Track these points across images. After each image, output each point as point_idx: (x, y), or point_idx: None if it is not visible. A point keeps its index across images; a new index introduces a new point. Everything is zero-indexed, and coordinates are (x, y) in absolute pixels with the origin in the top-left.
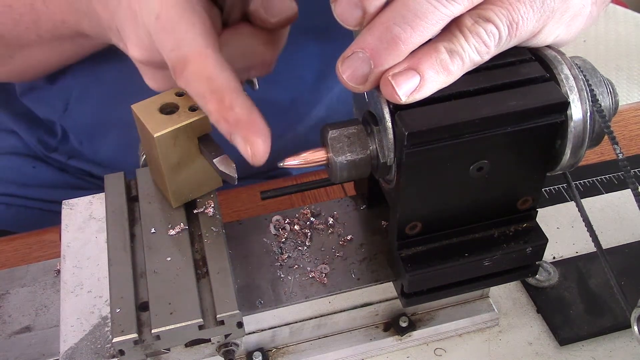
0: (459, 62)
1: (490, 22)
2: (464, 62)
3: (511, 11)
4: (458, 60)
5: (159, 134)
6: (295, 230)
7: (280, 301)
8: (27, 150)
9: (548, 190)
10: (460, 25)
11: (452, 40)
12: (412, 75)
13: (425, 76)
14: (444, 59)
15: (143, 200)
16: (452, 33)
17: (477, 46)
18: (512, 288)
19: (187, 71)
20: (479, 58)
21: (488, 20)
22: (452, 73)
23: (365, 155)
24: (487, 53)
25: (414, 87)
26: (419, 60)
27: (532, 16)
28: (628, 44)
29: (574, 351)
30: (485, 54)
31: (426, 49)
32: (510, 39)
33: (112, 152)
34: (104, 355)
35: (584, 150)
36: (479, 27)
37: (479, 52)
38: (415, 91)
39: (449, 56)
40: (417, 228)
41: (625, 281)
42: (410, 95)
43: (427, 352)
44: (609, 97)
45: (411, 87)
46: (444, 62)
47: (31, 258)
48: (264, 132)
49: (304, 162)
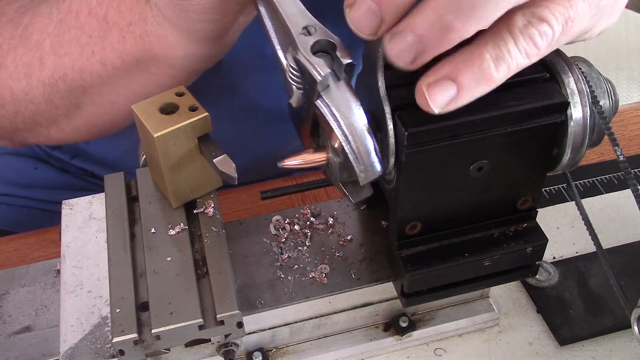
0: (504, 69)
1: (545, 22)
2: (510, 68)
3: (568, 8)
4: (504, 67)
5: (159, 134)
6: (295, 230)
7: (280, 301)
8: (28, 150)
9: (548, 190)
10: (510, 26)
11: (499, 44)
12: (449, 87)
13: (464, 86)
14: (487, 67)
15: (143, 200)
16: (499, 35)
17: (527, 49)
18: (512, 288)
19: None
20: (527, 61)
21: (543, 20)
22: (495, 81)
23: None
24: (537, 55)
25: (450, 98)
26: (459, 69)
27: (587, 12)
28: (628, 44)
29: (574, 351)
30: (534, 56)
31: (468, 54)
32: (562, 38)
33: (119, 153)
34: (104, 355)
35: (584, 150)
36: (532, 29)
37: (529, 55)
38: (452, 102)
39: (494, 64)
40: (417, 228)
41: (626, 281)
42: (445, 107)
43: (427, 352)
44: (609, 97)
45: (447, 98)
46: (486, 70)
47: (31, 258)
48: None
49: (304, 162)
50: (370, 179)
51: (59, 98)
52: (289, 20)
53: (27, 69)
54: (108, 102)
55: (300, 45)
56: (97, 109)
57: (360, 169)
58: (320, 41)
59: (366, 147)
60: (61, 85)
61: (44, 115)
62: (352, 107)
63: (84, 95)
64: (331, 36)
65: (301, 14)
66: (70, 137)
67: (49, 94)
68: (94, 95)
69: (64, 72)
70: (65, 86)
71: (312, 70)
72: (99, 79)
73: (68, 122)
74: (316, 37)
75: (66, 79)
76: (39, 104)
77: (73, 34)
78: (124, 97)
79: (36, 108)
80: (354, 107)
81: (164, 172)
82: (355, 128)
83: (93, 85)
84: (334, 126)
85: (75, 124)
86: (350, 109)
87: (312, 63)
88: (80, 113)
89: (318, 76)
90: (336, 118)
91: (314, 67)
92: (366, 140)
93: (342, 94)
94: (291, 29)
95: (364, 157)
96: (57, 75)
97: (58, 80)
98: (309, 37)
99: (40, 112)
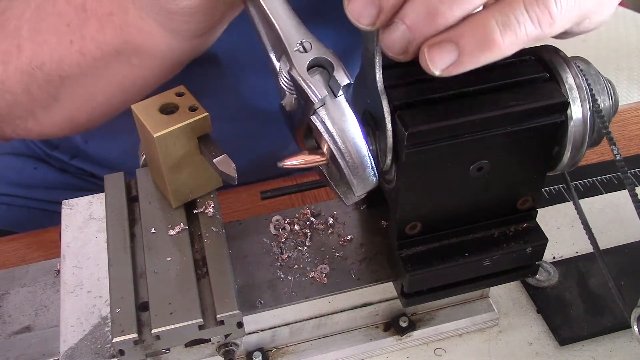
0: (511, 37)
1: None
2: (518, 37)
3: None
4: (510, 34)
5: (159, 134)
6: (295, 230)
7: (280, 301)
8: (28, 150)
9: (548, 190)
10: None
11: (506, 11)
12: (450, 49)
13: (465, 51)
14: (491, 33)
15: (143, 200)
16: (509, 3)
17: (539, 17)
18: (512, 288)
19: None
20: (538, 32)
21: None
22: (499, 48)
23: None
24: (550, 26)
25: (451, 62)
26: (462, 32)
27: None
28: (628, 44)
29: (574, 351)
30: (547, 27)
31: (474, 19)
32: (574, 10)
33: (118, 154)
34: (104, 355)
35: (584, 150)
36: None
37: (541, 24)
38: (452, 67)
39: (499, 30)
40: (417, 228)
41: (625, 281)
42: (446, 70)
43: (427, 352)
44: (609, 97)
45: (446, 61)
46: (490, 36)
47: (31, 258)
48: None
49: (304, 162)
50: (365, 192)
51: (37, 88)
52: (283, 34)
53: (4, 56)
54: (87, 93)
55: (296, 63)
56: (75, 101)
57: (355, 183)
58: (317, 59)
59: (363, 164)
60: (39, 74)
61: (22, 106)
62: (348, 124)
63: (62, 85)
64: (327, 53)
65: (295, 28)
66: (48, 131)
67: (26, 84)
68: (72, 86)
69: (42, 60)
70: (43, 76)
71: (309, 91)
72: (78, 69)
73: (46, 114)
74: (312, 54)
75: (44, 68)
76: (16, 94)
77: (51, 21)
78: (103, 89)
79: (13, 98)
80: (351, 124)
81: (164, 172)
82: (352, 146)
83: (71, 76)
84: (330, 142)
85: (53, 117)
86: (346, 126)
87: (309, 84)
88: (58, 105)
89: (315, 98)
90: (332, 135)
91: (311, 89)
92: (363, 158)
93: (338, 111)
94: (286, 44)
95: (360, 172)
96: (35, 63)
97: (36, 69)
98: (305, 54)
99: (18, 103)
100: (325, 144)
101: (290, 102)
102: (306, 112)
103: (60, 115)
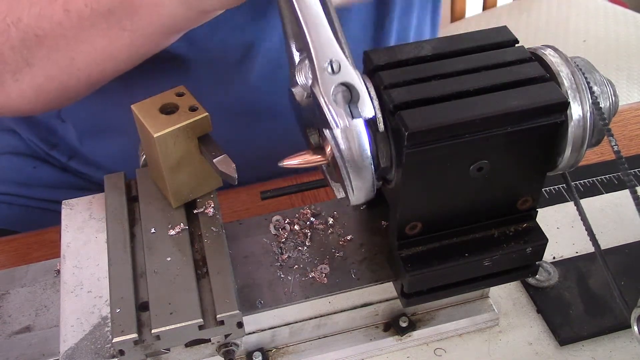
0: None
1: None
2: None
3: None
4: None
5: (159, 134)
6: (295, 230)
7: (280, 301)
8: (27, 150)
9: (548, 190)
10: None
11: None
12: None
13: None
14: None
15: (143, 200)
16: None
17: None
18: (512, 288)
19: None
20: None
21: None
22: None
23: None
24: None
25: None
26: None
27: None
28: (628, 44)
29: (574, 351)
30: None
31: None
32: None
33: (112, 156)
34: (104, 355)
35: (584, 150)
36: None
37: None
38: None
39: None
40: (417, 228)
41: (626, 281)
42: None
43: (427, 352)
44: (609, 97)
45: None
46: None
47: (31, 258)
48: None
49: (304, 162)
50: (360, 202)
51: (9, 49)
52: (314, 48)
53: None
54: (65, 58)
55: (321, 84)
56: (50, 68)
57: (354, 195)
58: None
59: (366, 181)
60: (13, 32)
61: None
62: (361, 149)
63: (38, 47)
64: (354, 77)
65: (327, 42)
66: (14, 104)
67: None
68: (49, 48)
69: (19, 15)
70: (18, 34)
71: (329, 116)
72: (59, 28)
73: (15, 82)
74: (339, 77)
75: (20, 24)
76: None
77: None
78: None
79: None
80: (363, 147)
81: (164, 172)
82: (359, 168)
83: (50, 36)
84: (338, 159)
85: (22, 87)
86: (359, 149)
87: (330, 109)
88: (31, 72)
89: (334, 124)
90: (342, 155)
91: (331, 114)
92: (368, 180)
93: (354, 134)
94: (315, 59)
95: (362, 188)
96: (10, 19)
97: (10, 25)
98: (332, 76)
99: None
100: (330, 152)
101: (301, 95)
102: (320, 121)
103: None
